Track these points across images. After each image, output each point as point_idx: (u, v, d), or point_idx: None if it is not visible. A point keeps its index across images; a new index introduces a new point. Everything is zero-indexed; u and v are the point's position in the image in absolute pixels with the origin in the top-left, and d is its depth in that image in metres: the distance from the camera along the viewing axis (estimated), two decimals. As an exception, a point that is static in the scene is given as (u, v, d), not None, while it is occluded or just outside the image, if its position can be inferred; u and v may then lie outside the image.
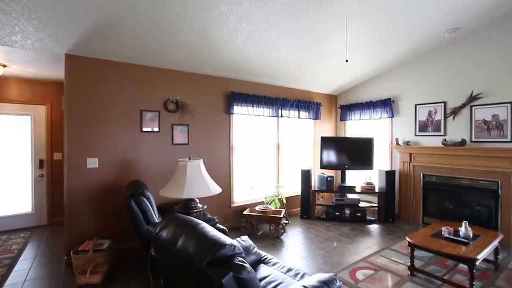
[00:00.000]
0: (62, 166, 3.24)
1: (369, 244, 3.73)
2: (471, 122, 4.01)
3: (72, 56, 3.11)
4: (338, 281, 1.70)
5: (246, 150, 4.65)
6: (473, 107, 3.99)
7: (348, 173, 5.15)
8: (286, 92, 5.06)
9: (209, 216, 3.33)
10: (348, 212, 4.84)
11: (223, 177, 4.28)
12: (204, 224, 1.46)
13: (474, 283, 2.48)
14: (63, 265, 3.07)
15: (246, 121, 4.62)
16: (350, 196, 4.83)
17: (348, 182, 5.07)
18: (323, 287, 1.59)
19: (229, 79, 4.35)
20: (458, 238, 2.83)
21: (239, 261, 1.21)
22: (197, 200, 2.53)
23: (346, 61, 3.28)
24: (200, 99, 4.07)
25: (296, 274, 2.00)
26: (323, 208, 5.06)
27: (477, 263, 2.50)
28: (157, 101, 3.68)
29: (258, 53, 3.69)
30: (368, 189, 4.77)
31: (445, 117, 4.30)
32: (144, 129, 3.58)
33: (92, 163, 3.23)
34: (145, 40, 3.05)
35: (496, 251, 3.01)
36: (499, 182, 3.72)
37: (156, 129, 3.67)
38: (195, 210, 2.42)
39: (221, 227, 3.15)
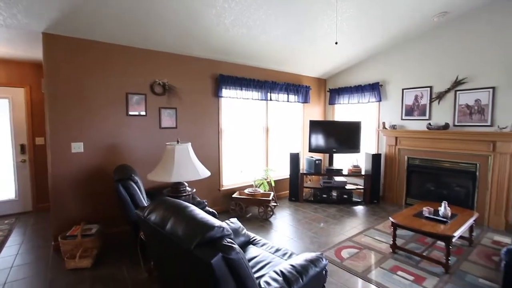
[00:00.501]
0: (46, 151, 3.15)
1: (354, 224, 3.87)
2: (455, 107, 4.11)
3: (50, 35, 2.94)
4: (324, 259, 1.77)
5: (235, 133, 4.63)
6: (458, 92, 4.08)
7: (336, 156, 5.25)
8: (275, 75, 5.01)
9: (199, 199, 3.35)
10: (335, 194, 4.98)
11: (212, 160, 4.28)
12: (192, 207, 1.47)
13: (449, 258, 2.63)
14: (51, 250, 3.05)
15: (235, 104, 4.58)
16: (337, 178, 4.95)
17: (336, 165, 5.18)
18: (310, 266, 1.66)
19: (217, 61, 4.26)
20: (437, 218, 2.97)
21: (227, 242, 1.23)
22: (186, 184, 2.54)
23: (336, 43, 3.25)
24: (188, 82, 3.98)
25: (284, 254, 2.07)
26: (311, 190, 5.17)
27: (454, 240, 2.65)
28: (143, 83, 3.58)
29: (247, 35, 3.60)
30: (355, 172, 4.89)
31: (431, 102, 4.38)
32: (130, 113, 3.49)
33: (77, 147, 3.15)
34: (130, 20, 2.92)
35: (471, 229, 3.19)
36: (477, 164, 3.88)
37: (143, 112, 3.59)
38: (184, 194, 2.43)
39: (211, 210, 3.19)
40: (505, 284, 1.74)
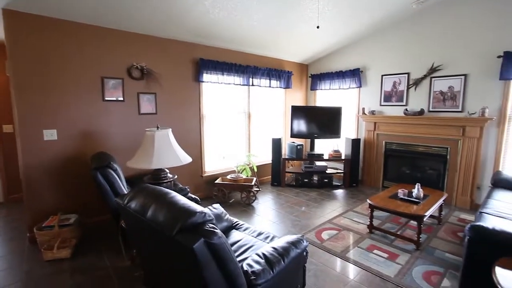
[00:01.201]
0: (15, 140, 2.97)
1: (334, 207, 4.01)
2: (430, 93, 4.27)
3: (11, 12, 2.70)
4: (304, 241, 1.83)
5: (217, 119, 4.58)
6: (433, 79, 4.22)
7: (317, 141, 5.35)
8: (257, 60, 4.94)
9: (181, 186, 3.33)
10: (316, 179, 5.11)
11: (194, 146, 4.23)
12: (174, 194, 1.46)
13: (420, 236, 2.82)
14: (26, 242, 2.94)
15: (217, 89, 4.50)
16: (318, 163, 5.06)
17: (317, 150, 5.28)
18: (291, 247, 1.71)
19: (198, 44, 4.12)
20: (411, 199, 3.14)
21: (209, 227, 1.24)
22: (167, 170, 2.50)
23: (318, 27, 3.24)
24: (168, 66, 3.84)
25: (267, 237, 2.12)
26: (292, 175, 5.27)
27: (425, 219, 2.83)
28: (119, 67, 3.42)
29: (227, 17, 3.50)
30: (335, 157, 5.01)
31: (408, 88, 4.52)
32: (107, 98, 3.34)
33: (50, 135, 2.99)
34: (101, -3, 2.74)
35: (440, 208, 3.41)
36: (448, 148, 4.10)
37: (120, 98, 3.45)
38: (165, 180, 2.40)
39: (193, 196, 3.18)
40: (467, 256, 1.90)
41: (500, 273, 1.49)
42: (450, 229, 3.28)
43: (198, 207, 1.30)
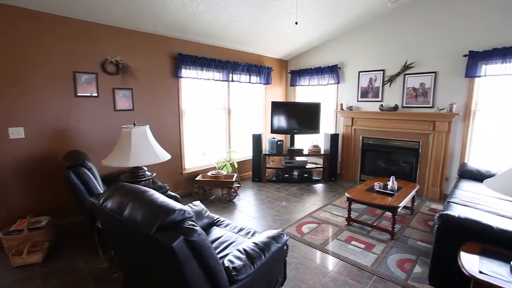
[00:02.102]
0: (-23, 137, 2.77)
1: (314, 201, 4.10)
2: (404, 89, 4.45)
3: (-29, 1, 2.50)
4: (285, 235, 1.86)
5: (197, 115, 4.51)
6: (406, 76, 4.40)
7: (297, 137, 5.42)
8: (237, 55, 4.91)
9: (160, 183, 3.26)
10: (296, 174, 5.20)
11: (173, 143, 4.15)
12: (152, 192, 1.43)
13: (395, 226, 2.95)
14: (-7, 247, 2.77)
15: (196, 85, 4.42)
16: (298, 158, 5.14)
17: (297, 145, 5.36)
18: (272, 242, 1.74)
19: (176, 39, 4.02)
20: (386, 191, 3.28)
21: (189, 225, 1.23)
22: (145, 168, 2.44)
23: (296, 23, 3.26)
24: (145, 61, 3.72)
25: (248, 233, 2.13)
26: (273, 171, 5.32)
27: (399, 210, 2.97)
28: (93, 61, 3.26)
29: (206, 11, 3.43)
30: (315, 152, 5.11)
31: (383, 84, 4.68)
32: (79, 94, 3.19)
33: (16, 133, 2.82)
34: (70, -13, 2.59)
35: (413, 199, 3.59)
36: (420, 142, 4.31)
37: (94, 93, 3.31)
38: (144, 179, 2.34)
39: (173, 194, 3.14)
40: (436, 243, 2.02)
41: (464, 257, 1.60)
42: (422, 218, 3.46)
43: (177, 205, 1.29)
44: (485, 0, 3.59)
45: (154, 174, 2.52)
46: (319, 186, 4.83)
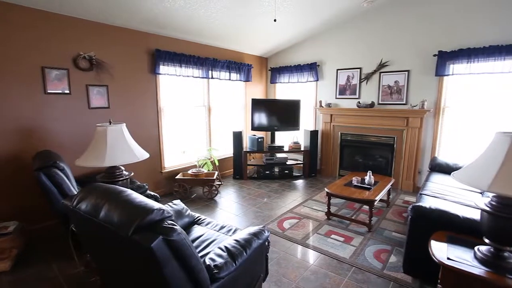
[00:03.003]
0: None
1: (295, 197, 4.17)
2: (379, 87, 4.61)
3: None
4: (266, 231, 1.88)
5: (176, 113, 4.43)
6: (382, 74, 4.56)
7: (277, 134, 5.47)
8: (216, 52, 4.85)
9: (138, 183, 3.18)
10: (277, 170, 5.25)
11: (152, 141, 4.05)
12: (129, 192, 1.39)
13: (372, 218, 3.07)
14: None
15: (175, 82, 4.33)
16: (279, 155, 5.19)
17: (277, 142, 5.41)
18: (253, 238, 1.75)
19: (153, 35, 3.91)
20: (363, 185, 3.39)
21: (168, 224, 1.21)
22: (122, 168, 2.36)
23: (275, 20, 3.28)
24: (120, 57, 3.59)
25: (229, 230, 2.13)
26: (254, 168, 5.34)
27: (375, 203, 3.08)
28: (63, 56, 3.10)
29: (184, 6, 3.36)
30: (295, 148, 5.19)
31: (360, 82, 4.82)
32: (49, 91, 3.02)
33: (-21, 132, 2.63)
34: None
35: (388, 192, 3.74)
36: (395, 137, 4.49)
37: (66, 90, 3.15)
38: (121, 178, 2.27)
39: (152, 193, 3.07)
40: (409, 233, 2.13)
41: (434, 245, 1.70)
42: (397, 210, 3.62)
43: (155, 204, 1.26)
44: (452, 3, 3.79)
45: (132, 174, 2.45)
46: (299, 182, 4.91)
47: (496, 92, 3.68)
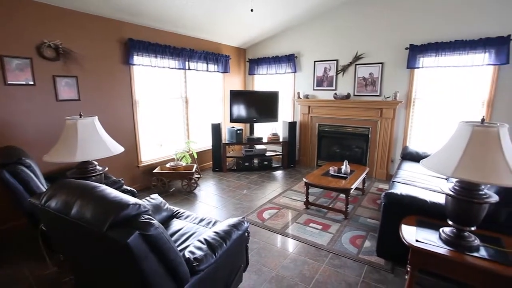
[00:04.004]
0: None
1: (274, 188, 4.22)
2: (355, 79, 4.73)
3: None
4: (245, 222, 1.90)
5: (153, 105, 4.29)
6: (357, 66, 4.67)
7: (256, 125, 5.49)
8: (193, 42, 4.73)
9: (114, 178, 3.07)
10: (257, 162, 5.28)
11: (127, 135, 3.91)
12: (103, 187, 1.34)
13: (348, 206, 3.19)
14: None
15: (150, 73, 4.18)
16: (258, 147, 5.22)
17: (256, 134, 5.43)
18: (233, 230, 1.76)
19: (126, 23, 3.73)
20: (340, 175, 3.50)
21: (145, 219, 1.18)
22: (96, 163, 2.27)
23: (252, 10, 3.25)
24: (91, 46, 3.39)
25: (209, 223, 2.13)
26: (233, 160, 5.34)
27: (351, 191, 3.20)
28: (26, 44, 2.88)
29: (157, -6, 3.23)
30: (274, 140, 5.23)
31: (337, 74, 4.91)
32: (10, 81, 2.81)
33: None
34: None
35: (364, 181, 3.90)
36: (370, 128, 4.66)
37: (30, 81, 2.94)
38: (94, 174, 2.18)
39: (129, 188, 2.98)
40: (382, 219, 2.24)
41: (404, 229, 1.80)
42: (371, 198, 3.78)
43: (131, 199, 1.23)
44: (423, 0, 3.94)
45: (106, 169, 2.36)
46: (278, 173, 4.97)
47: (461, 84, 3.90)
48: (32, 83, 2.96)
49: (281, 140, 5.25)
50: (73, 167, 2.29)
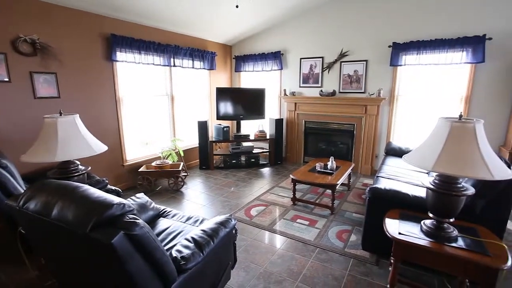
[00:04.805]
0: None
1: (261, 185, 4.24)
2: (340, 76, 4.80)
3: None
4: (233, 220, 1.90)
5: (137, 102, 4.20)
6: (342, 63, 4.73)
7: (243, 122, 5.47)
8: (178, 39, 4.65)
9: (98, 178, 2.99)
10: (244, 159, 5.28)
11: (111, 133, 3.81)
12: (86, 187, 1.30)
13: (334, 201, 3.25)
14: None
15: (135, 70, 4.08)
16: (245, 144, 5.22)
17: (243, 131, 5.42)
18: (220, 227, 1.76)
19: (107, 18, 3.61)
20: (326, 171, 3.55)
21: (130, 218, 1.16)
22: (78, 162, 2.20)
23: (237, 6, 3.22)
24: (70, 41, 3.27)
25: (196, 221, 2.11)
26: (221, 157, 5.31)
27: (337, 187, 3.26)
28: (-1, 39, 2.75)
29: (140, -12, 3.14)
30: (261, 137, 5.24)
31: (322, 71, 4.97)
32: (-17, 78, 2.67)
33: None
34: None
35: (349, 176, 3.97)
36: (355, 124, 4.75)
37: (5, 78, 2.81)
38: (76, 174, 2.11)
39: (113, 188, 2.91)
40: (367, 213, 2.30)
41: (388, 222, 1.86)
42: (357, 193, 3.87)
43: (115, 199, 1.20)
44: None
45: (89, 168, 2.29)
46: (266, 170, 4.99)
47: (441, 81, 4.04)
48: (7, 79, 2.82)
49: (268, 137, 5.26)
50: (54, 167, 2.21)
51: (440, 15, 3.84)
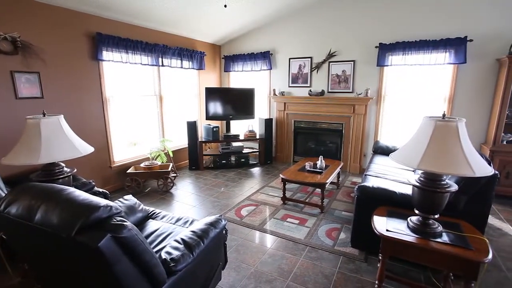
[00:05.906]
0: None
1: (252, 184, 4.24)
2: (329, 76, 4.85)
3: None
4: (223, 220, 1.89)
5: (125, 103, 4.12)
6: (331, 63, 4.79)
7: (233, 122, 5.46)
8: (167, 38, 4.59)
9: (84, 180, 2.92)
10: (234, 159, 5.27)
11: (98, 134, 3.73)
12: (71, 189, 1.27)
13: (324, 200, 3.28)
14: None
15: (122, 69, 4.00)
16: (235, 144, 5.21)
17: (233, 131, 5.41)
18: (210, 228, 1.75)
19: (93, 16, 3.53)
20: (315, 170, 3.59)
21: (117, 221, 1.14)
22: (63, 164, 2.14)
23: (225, 6, 3.21)
24: (53, 40, 3.18)
25: (186, 222, 2.09)
26: (210, 157, 5.29)
27: (327, 186, 3.29)
28: (-23, 37, 2.64)
29: (126, -14, 3.09)
30: (250, 137, 5.24)
31: (311, 71, 5.01)
32: (-39, 78, 2.57)
33: None
34: None
35: (338, 175, 4.02)
36: (343, 124, 4.81)
37: (-17, 77, 2.71)
38: (61, 176, 2.06)
39: (101, 190, 2.85)
40: (356, 211, 2.34)
41: (376, 219, 1.89)
42: (346, 191, 3.92)
43: (102, 201, 1.18)
44: (392, 1, 4.12)
45: (75, 170, 2.23)
46: (256, 170, 5.00)
47: (425, 81, 4.14)
48: (-13, 79, 2.72)
49: (257, 137, 5.27)
50: (37, 169, 2.15)
51: (425, 17, 3.94)
